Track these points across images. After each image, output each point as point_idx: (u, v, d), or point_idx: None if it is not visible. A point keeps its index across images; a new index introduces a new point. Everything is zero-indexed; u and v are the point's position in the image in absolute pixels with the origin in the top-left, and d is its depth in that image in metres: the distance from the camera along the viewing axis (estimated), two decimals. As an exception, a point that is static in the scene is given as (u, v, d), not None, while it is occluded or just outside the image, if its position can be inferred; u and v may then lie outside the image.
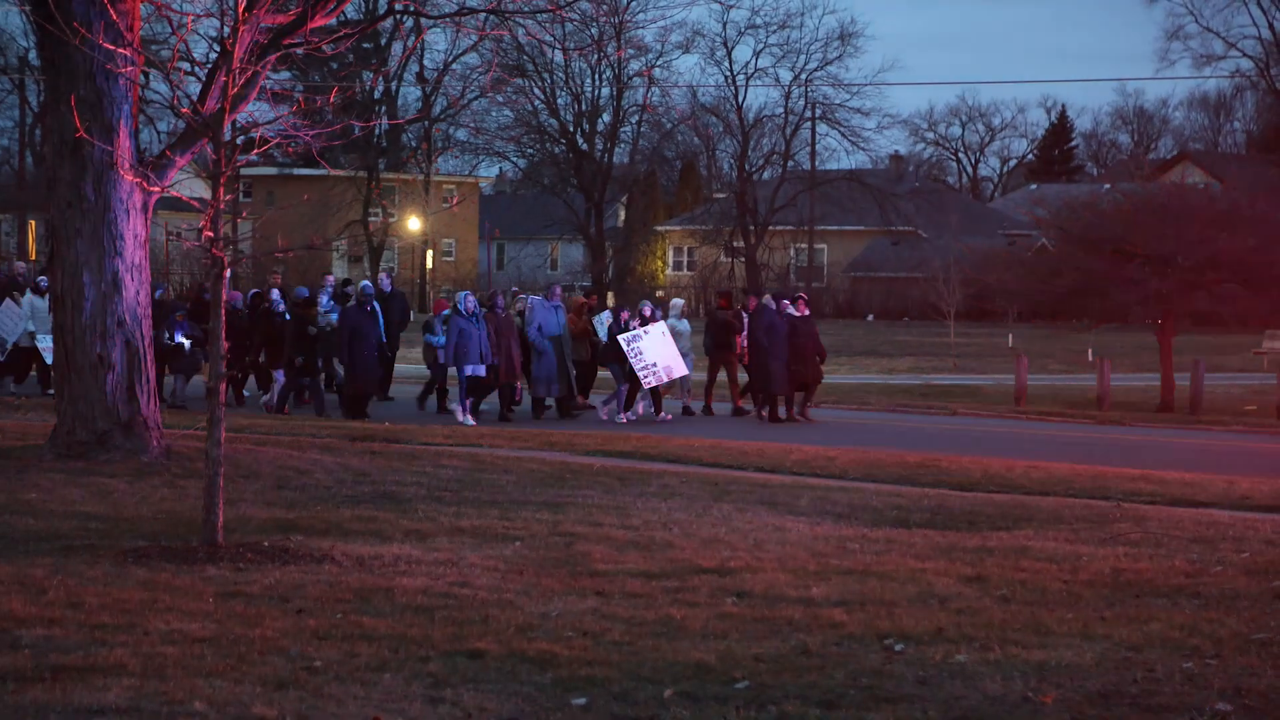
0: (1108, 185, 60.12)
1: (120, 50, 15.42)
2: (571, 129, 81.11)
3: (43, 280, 30.40)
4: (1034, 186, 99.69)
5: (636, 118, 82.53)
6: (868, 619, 10.23)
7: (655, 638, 9.64)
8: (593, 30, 73.15)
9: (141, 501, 15.17)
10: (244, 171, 77.99)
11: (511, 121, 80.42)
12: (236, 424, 22.23)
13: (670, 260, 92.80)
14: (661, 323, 27.87)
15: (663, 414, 27.70)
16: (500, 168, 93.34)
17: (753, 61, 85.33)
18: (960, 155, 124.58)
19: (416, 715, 7.94)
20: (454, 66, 77.73)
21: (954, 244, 65.83)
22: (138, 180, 17.07)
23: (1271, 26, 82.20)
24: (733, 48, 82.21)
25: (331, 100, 14.78)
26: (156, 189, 16.68)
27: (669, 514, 15.27)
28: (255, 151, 14.36)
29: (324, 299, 29.10)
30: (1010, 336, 57.41)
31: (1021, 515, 15.68)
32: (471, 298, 26.72)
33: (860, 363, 48.58)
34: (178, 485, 16.14)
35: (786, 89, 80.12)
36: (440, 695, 8.28)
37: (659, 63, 79.85)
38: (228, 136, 12.81)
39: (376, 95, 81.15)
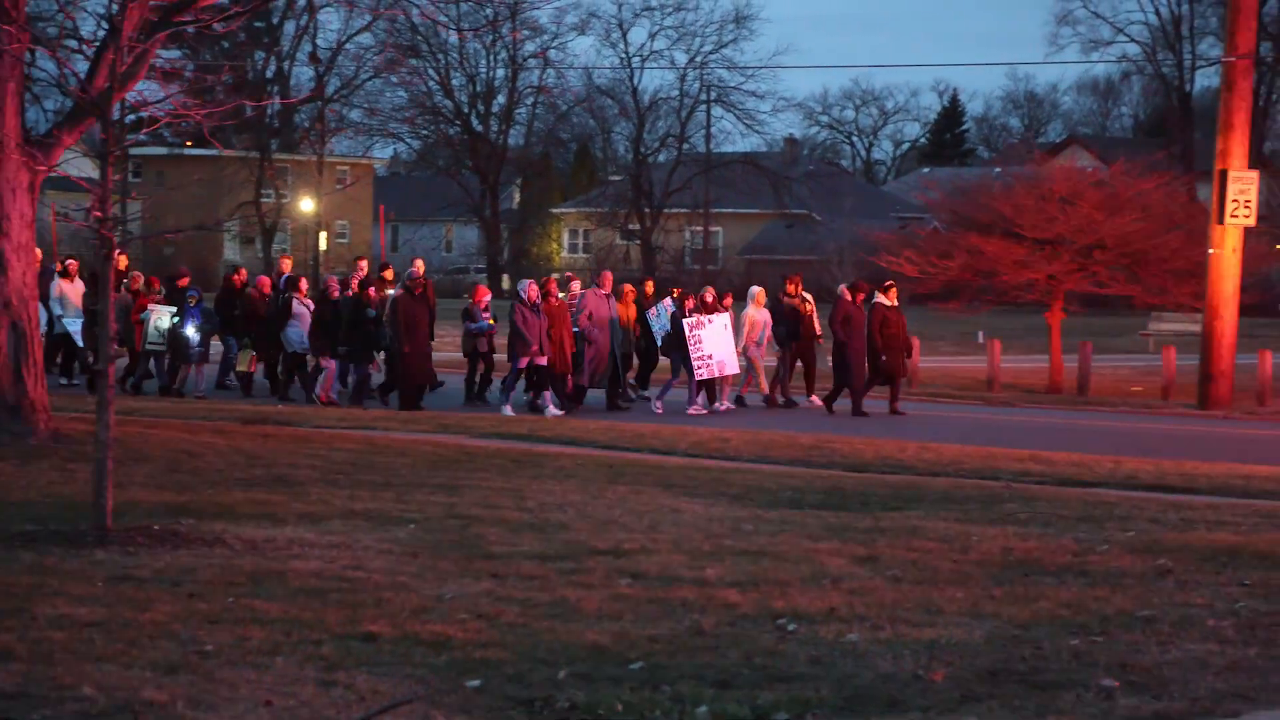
0: (998, 169, 60.62)
1: (5, 27, 15.20)
2: (466, 110, 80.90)
3: (69, 264, 29.98)
4: (926, 170, 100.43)
5: (531, 99, 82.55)
6: (761, 599, 10.28)
7: (550, 619, 9.65)
8: (487, 11, 72.99)
9: (29, 485, 14.98)
10: (133, 151, 77.10)
11: (405, 102, 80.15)
12: (127, 406, 22.00)
13: (566, 243, 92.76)
14: (725, 315, 26.95)
15: (722, 404, 26.97)
16: (394, 149, 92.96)
17: (648, 44, 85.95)
18: (854, 139, 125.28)
19: (309, 699, 7.90)
20: (347, 46, 77.26)
21: (848, 227, 66.19)
22: (24, 159, 16.83)
23: (1158, 12, 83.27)
24: (628, 30, 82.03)
25: (222, 79, 14.68)
26: (43, 168, 16.48)
27: (564, 496, 15.28)
28: (145, 131, 14.25)
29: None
30: (903, 319, 57.74)
31: (913, 496, 15.81)
32: (534, 284, 25.94)
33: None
34: (66, 469, 15.95)
35: (682, 71, 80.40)
36: (333, 678, 8.25)
37: (554, 44, 79.90)
38: (116, 115, 12.68)
39: (269, 75, 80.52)
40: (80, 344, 28.29)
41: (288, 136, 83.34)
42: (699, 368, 26.42)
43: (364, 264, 29.47)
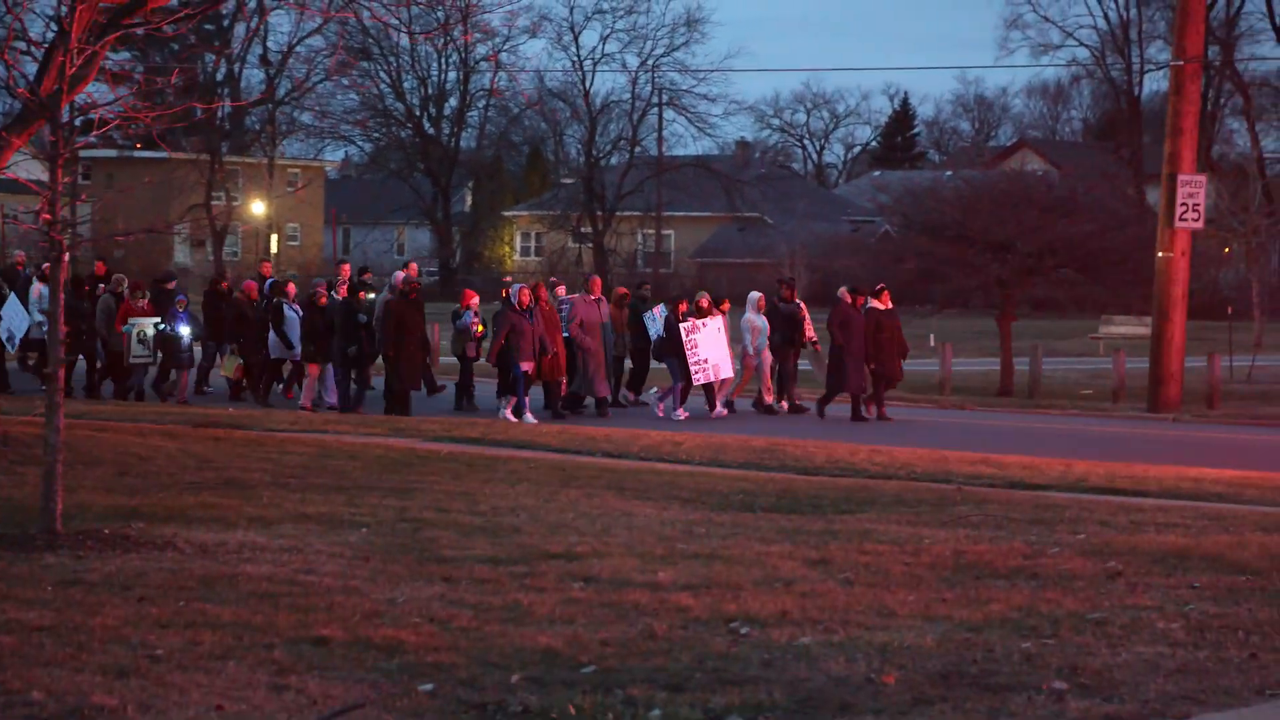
0: (949, 172, 60.89)
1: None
2: (418, 113, 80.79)
3: (45, 267, 29.70)
4: (877, 173, 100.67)
5: (483, 102, 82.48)
6: (714, 603, 10.29)
7: (502, 623, 9.64)
8: (439, 14, 72.66)
9: (-23, 489, 14.87)
10: (83, 154, 76.47)
11: (357, 105, 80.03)
12: (77, 409, 21.87)
13: (518, 245, 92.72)
14: (719, 318, 26.77)
15: (718, 410, 26.78)
16: (345, 151, 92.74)
17: (600, 47, 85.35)
18: (805, 142, 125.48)
19: (260, 703, 7.87)
20: (298, 49, 77.04)
21: (800, 230, 66.42)
22: (-28, 162, 16.70)
23: (1106, 16, 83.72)
24: (580, 33, 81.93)
25: (173, 81, 14.58)
26: (-8, 171, 16.34)
27: (516, 499, 15.26)
28: (94, 133, 14.13)
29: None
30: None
31: (864, 499, 15.85)
32: (526, 290, 25.49)
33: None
34: (15, 472, 15.84)
35: (634, 74, 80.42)
36: (285, 683, 8.22)
37: (506, 47, 79.68)
38: (66, 118, 12.59)
39: (219, 77, 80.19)
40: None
41: (238, 139, 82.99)
42: (696, 372, 26.23)
43: (346, 269, 29.21)
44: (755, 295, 28.22)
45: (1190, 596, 10.68)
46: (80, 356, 27.95)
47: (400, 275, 26.60)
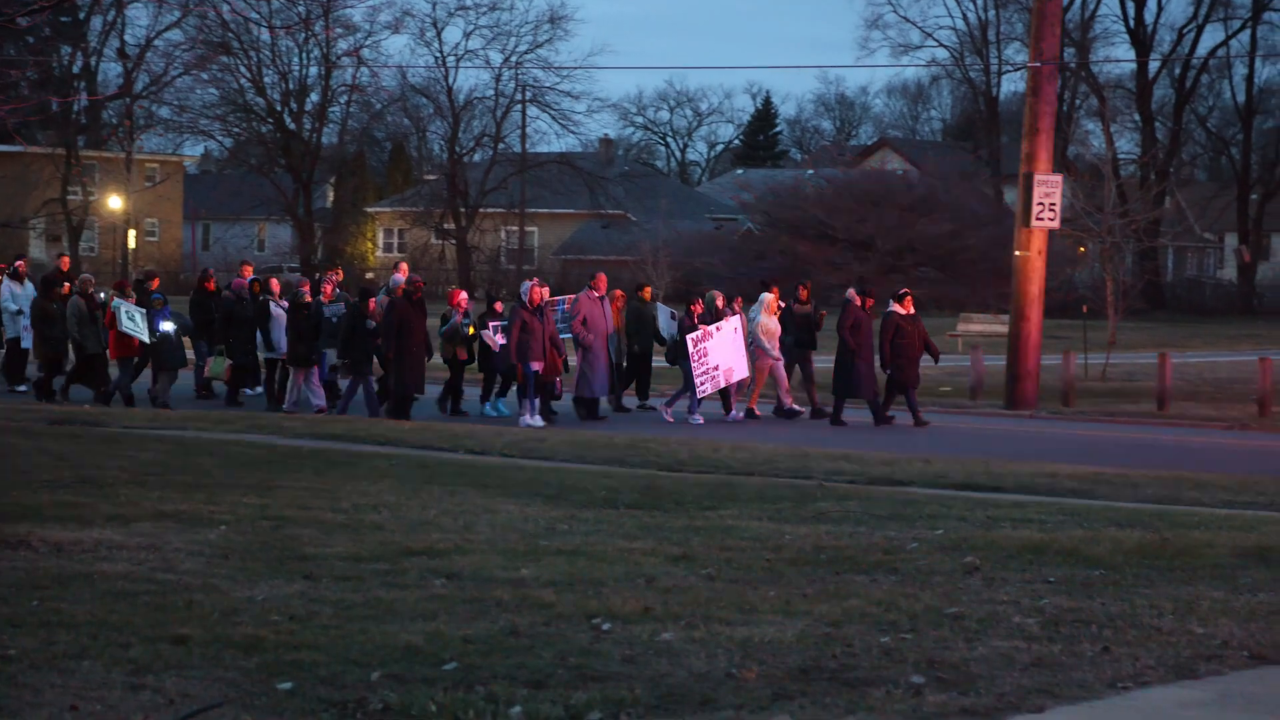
0: (811, 170, 61.39)
1: None
2: (279, 108, 79.95)
3: (18, 264, 29.07)
4: (740, 171, 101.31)
5: (345, 98, 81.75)
6: (577, 599, 10.30)
7: (364, 621, 9.59)
8: (300, 8, 72.25)
9: None
10: (-65, 147, 75.15)
11: (217, 100, 79.02)
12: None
13: (380, 242, 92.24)
14: (735, 319, 26.35)
15: (733, 413, 26.57)
16: (205, 146, 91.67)
17: (463, 43, 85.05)
18: (669, 140, 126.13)
19: (116, 703, 7.77)
20: (157, 43, 76.09)
21: (663, 227, 66.56)
22: None
23: (965, 18, 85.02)
24: (443, 29, 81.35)
25: (27, 74, 14.34)
26: None
27: (379, 496, 15.18)
28: (-54, 126, 13.89)
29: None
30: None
31: (727, 495, 15.92)
32: (536, 289, 24.92)
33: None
34: None
35: (497, 71, 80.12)
36: (142, 682, 8.12)
37: (368, 43, 79.22)
38: (-83, 109, 12.36)
39: (75, 70, 78.97)
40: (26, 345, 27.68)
41: (95, 133, 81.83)
42: (701, 383, 25.80)
43: (335, 272, 28.78)
44: (767, 297, 27.66)
45: (1045, 591, 10.84)
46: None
47: (398, 277, 26.14)
